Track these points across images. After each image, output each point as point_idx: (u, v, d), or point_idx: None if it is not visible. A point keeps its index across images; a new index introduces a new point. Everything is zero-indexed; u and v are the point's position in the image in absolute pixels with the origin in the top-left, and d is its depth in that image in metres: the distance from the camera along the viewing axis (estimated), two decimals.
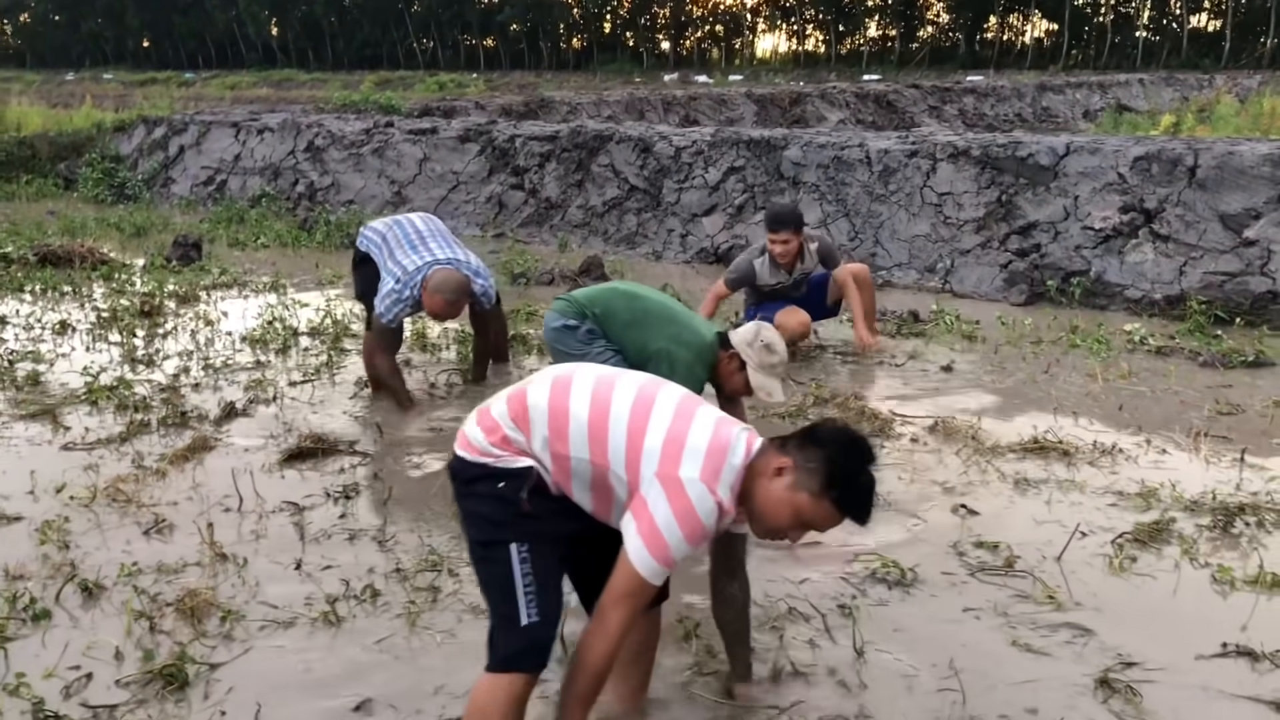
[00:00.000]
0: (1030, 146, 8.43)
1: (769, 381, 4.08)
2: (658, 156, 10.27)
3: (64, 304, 7.86)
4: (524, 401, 2.56)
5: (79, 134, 15.88)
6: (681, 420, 2.45)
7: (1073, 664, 3.19)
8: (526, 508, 2.50)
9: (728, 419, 2.52)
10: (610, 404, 2.50)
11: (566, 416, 2.51)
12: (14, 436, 5.15)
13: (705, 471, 2.35)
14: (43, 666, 3.16)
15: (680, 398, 2.55)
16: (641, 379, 2.64)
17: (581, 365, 2.76)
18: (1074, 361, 6.32)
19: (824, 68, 61.01)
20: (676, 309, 4.54)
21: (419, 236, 5.54)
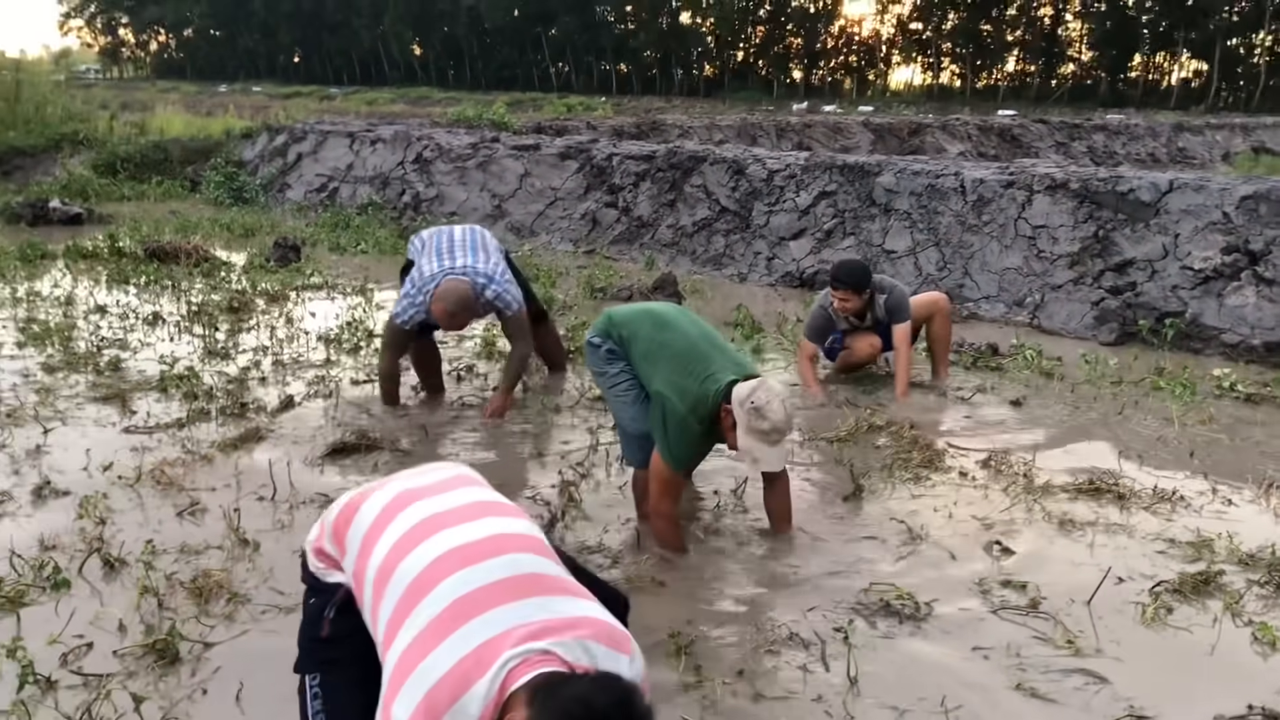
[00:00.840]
0: (1131, 181, 8.10)
1: (756, 446, 3.62)
2: (750, 179, 10.21)
3: (162, 297, 8.18)
4: (353, 515, 2.27)
5: (209, 140, 16.63)
6: (439, 627, 1.91)
7: (1078, 712, 3.03)
8: (324, 632, 2.30)
9: (516, 632, 1.89)
10: (395, 569, 2.06)
11: (370, 554, 2.15)
12: (83, 417, 5.37)
13: (420, 710, 1.83)
14: (50, 633, 3.27)
15: (474, 588, 1.96)
16: (474, 534, 2.10)
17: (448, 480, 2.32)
18: (1153, 405, 6.02)
19: (958, 102, 59.92)
20: (700, 348, 3.94)
21: (450, 246, 5.57)
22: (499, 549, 2.05)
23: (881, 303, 6.20)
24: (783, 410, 3.64)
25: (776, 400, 3.65)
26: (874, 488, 4.69)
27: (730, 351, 4.03)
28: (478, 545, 2.05)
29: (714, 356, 3.91)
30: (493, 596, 1.94)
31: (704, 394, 3.75)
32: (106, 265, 9.36)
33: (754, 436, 3.61)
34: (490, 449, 5.19)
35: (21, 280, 8.59)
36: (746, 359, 4.14)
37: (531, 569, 2.04)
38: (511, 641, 1.86)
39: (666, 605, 3.60)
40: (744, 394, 3.65)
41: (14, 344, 6.67)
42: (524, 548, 2.09)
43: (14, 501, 4.31)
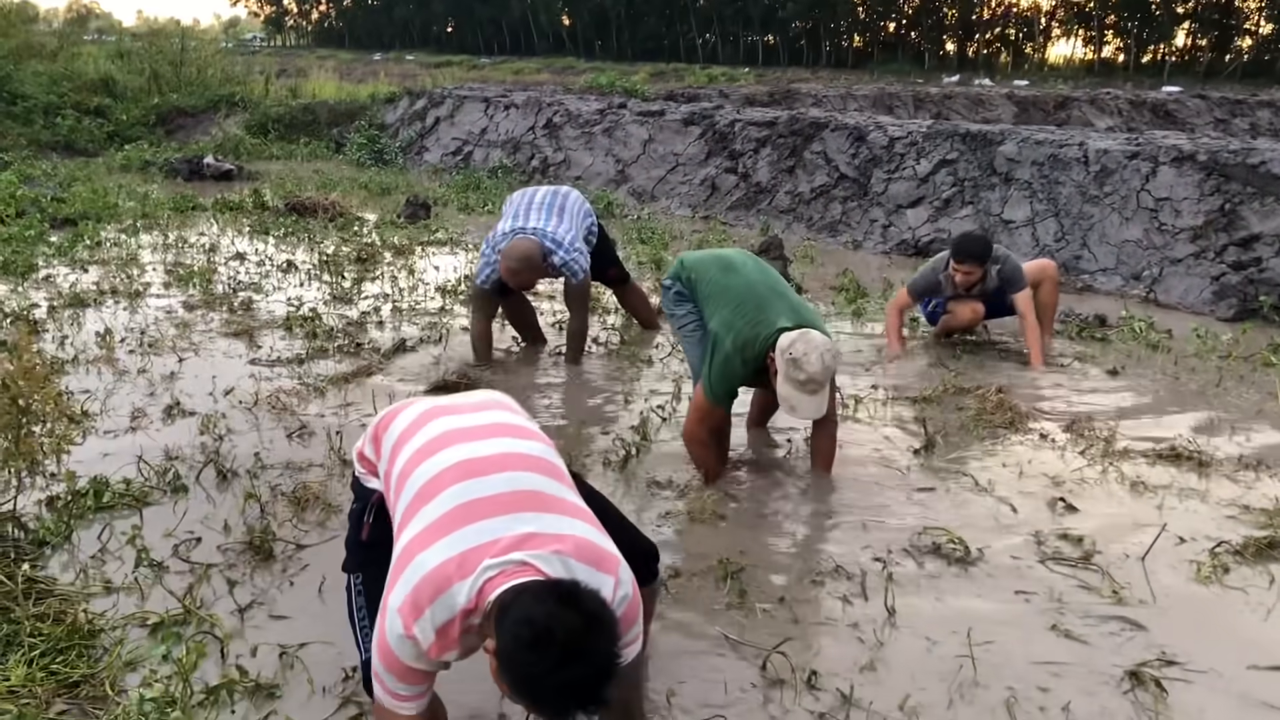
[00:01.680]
0: (1264, 154, 7.82)
1: (794, 395, 3.75)
2: (870, 146, 10.20)
3: (298, 248, 8.71)
4: (390, 420, 2.40)
5: (355, 104, 17.37)
6: (440, 525, 2.04)
7: (1108, 654, 3.10)
8: (365, 535, 2.42)
9: (502, 542, 1.98)
10: (411, 473, 2.19)
11: (395, 458, 2.28)
12: (214, 349, 5.84)
13: (407, 602, 1.95)
14: (165, 528, 3.67)
15: (475, 498, 2.07)
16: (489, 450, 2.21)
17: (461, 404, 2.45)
18: (1260, 379, 5.88)
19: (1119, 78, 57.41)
20: (758, 292, 4.07)
21: (528, 207, 5.75)
22: (504, 465, 2.17)
23: (994, 273, 6.19)
24: (820, 363, 3.71)
25: (815, 353, 3.71)
26: (950, 444, 4.76)
27: (791, 299, 4.13)
28: (486, 460, 2.17)
29: (772, 301, 4.02)
30: (489, 507, 2.05)
31: (754, 336, 3.91)
32: (249, 217, 9.98)
33: (792, 385, 3.74)
34: (578, 392, 5.45)
35: (173, 229, 9.24)
36: (808, 308, 4.19)
37: (532, 486, 2.13)
38: (495, 551, 1.96)
39: (723, 536, 3.80)
40: (786, 344, 3.76)
41: (161, 284, 7.23)
42: (530, 467, 2.19)
43: (147, 418, 4.75)
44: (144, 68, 18.73)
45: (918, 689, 2.89)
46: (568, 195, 5.95)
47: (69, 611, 2.99)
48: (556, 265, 5.57)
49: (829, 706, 2.79)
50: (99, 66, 18.88)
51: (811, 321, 3.98)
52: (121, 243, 8.54)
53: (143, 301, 6.78)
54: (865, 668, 3.00)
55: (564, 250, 5.55)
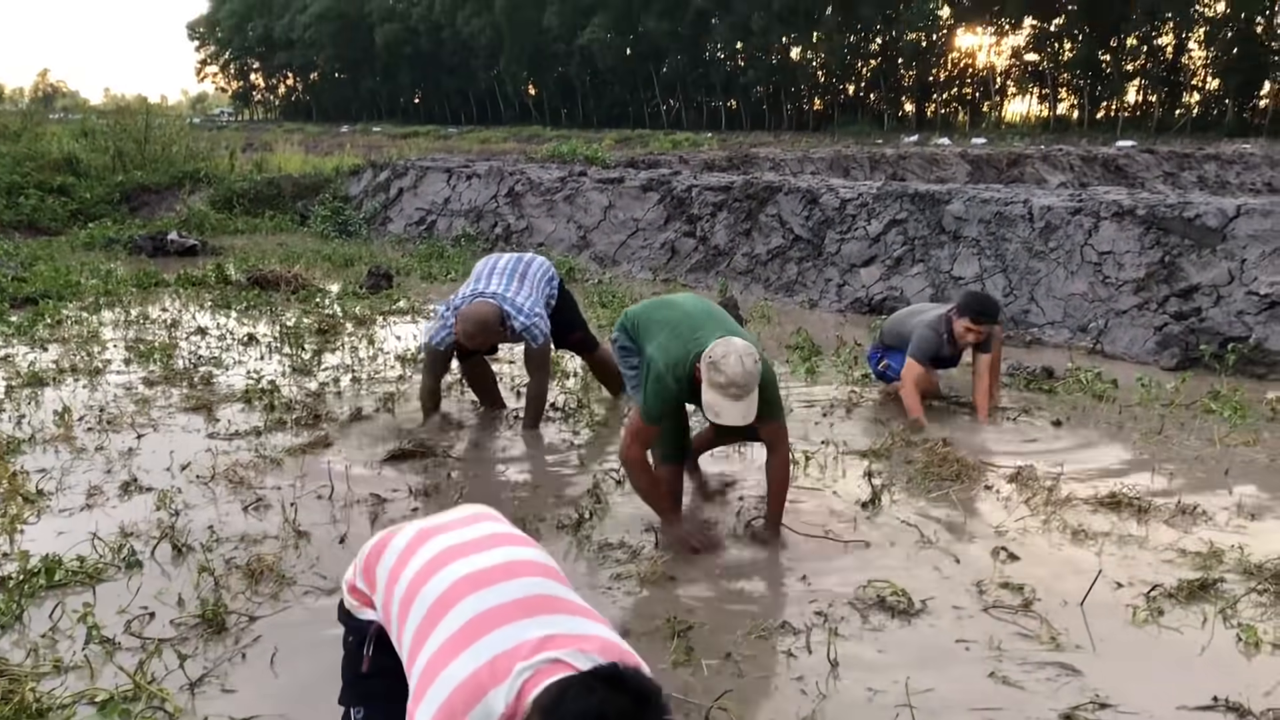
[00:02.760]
0: (1199, 207, 8.08)
1: (717, 400, 3.81)
2: (823, 207, 10.42)
3: (260, 321, 8.78)
4: (382, 550, 2.37)
5: (319, 177, 17.54)
6: (458, 641, 2.01)
7: (1044, 699, 3.18)
8: (365, 668, 2.38)
9: (532, 645, 1.98)
10: (418, 594, 2.16)
11: (395, 585, 2.26)
12: (173, 425, 5.88)
13: (439, 715, 1.92)
14: (119, 604, 3.69)
15: (490, 606, 2.06)
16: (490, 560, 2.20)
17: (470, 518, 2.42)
18: (1200, 427, 6.04)
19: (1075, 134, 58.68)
20: (695, 319, 4.18)
21: (491, 272, 5.86)
22: (512, 574, 2.15)
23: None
24: (739, 365, 3.75)
25: (734, 355, 3.77)
26: (896, 497, 4.87)
27: (728, 324, 4.20)
28: (492, 570, 2.15)
29: (705, 324, 4.11)
30: (506, 614, 2.02)
31: (684, 354, 3.99)
32: (212, 292, 10.05)
33: (714, 390, 3.80)
34: (534, 456, 5.52)
35: (135, 305, 9.29)
36: (745, 332, 4.25)
37: (544, 591, 2.13)
38: (524, 654, 1.93)
39: (673, 596, 3.87)
40: (707, 351, 3.85)
41: (121, 361, 7.28)
42: (536, 573, 2.19)
43: (103, 495, 4.78)
44: (108, 145, 18.84)
45: None
46: (530, 261, 6.06)
47: (16, 691, 3.02)
48: (516, 330, 5.62)
49: None
50: (63, 145, 18.99)
51: (731, 328, 4.11)
52: (83, 320, 8.58)
53: (102, 379, 6.82)
54: (806, 719, 3.06)
55: (524, 315, 5.60)
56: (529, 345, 5.76)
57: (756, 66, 75.54)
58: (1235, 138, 48.44)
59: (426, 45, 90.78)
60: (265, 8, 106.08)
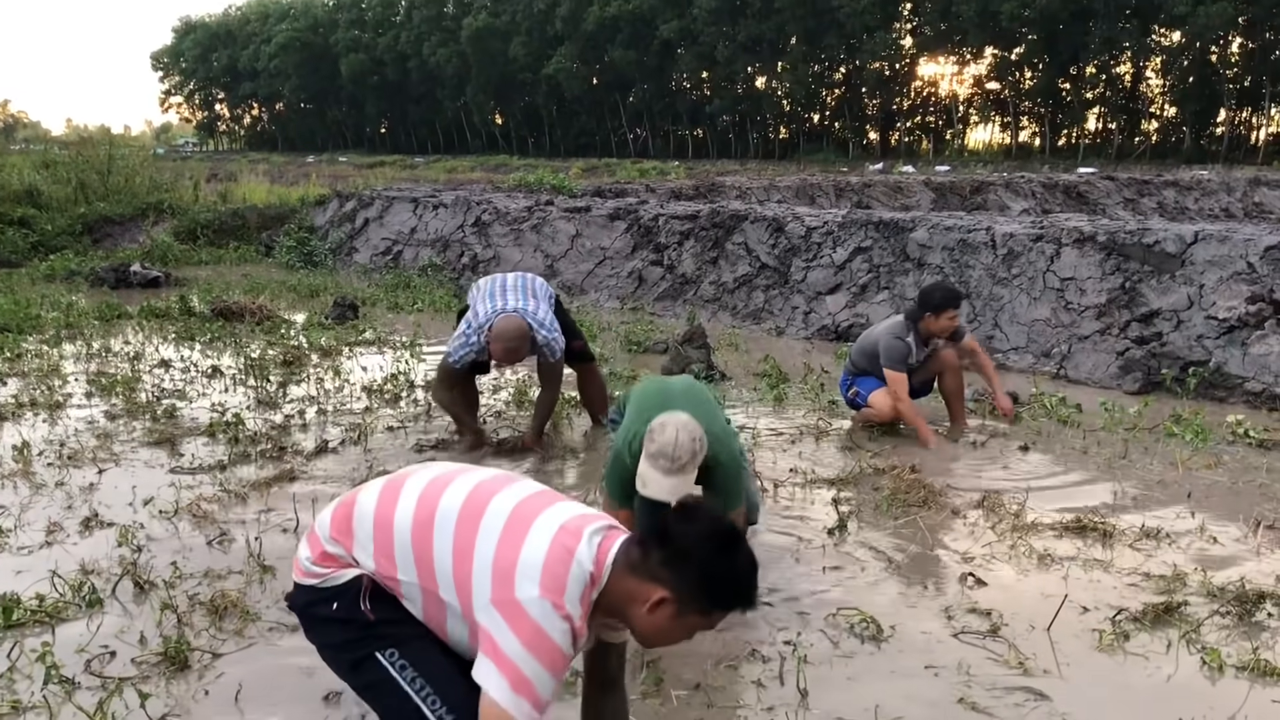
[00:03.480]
0: (1157, 234, 8.20)
1: (647, 470, 3.50)
2: (789, 236, 10.50)
3: (224, 353, 8.70)
4: (350, 509, 2.38)
5: (284, 207, 17.47)
6: (515, 529, 2.14)
7: None
8: (371, 617, 2.31)
9: (581, 518, 2.20)
10: (435, 515, 2.24)
11: (390, 529, 2.27)
12: (135, 459, 5.81)
13: (545, 587, 2.04)
14: (79, 643, 3.63)
15: (520, 499, 2.24)
16: (482, 476, 2.36)
17: (427, 465, 2.50)
18: (1163, 450, 6.10)
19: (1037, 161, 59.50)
20: (671, 400, 3.87)
21: (503, 290, 5.93)
22: (510, 479, 2.38)
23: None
24: (673, 437, 3.44)
25: (672, 426, 3.47)
26: (864, 523, 4.88)
27: (704, 408, 3.91)
28: (495, 479, 2.36)
29: (677, 403, 3.81)
30: (539, 502, 2.25)
31: (642, 429, 3.67)
32: (175, 324, 9.96)
33: (646, 460, 3.51)
34: None
35: (97, 338, 9.19)
36: (717, 418, 3.99)
37: (542, 487, 2.38)
38: (578, 522, 2.19)
39: None
40: (655, 420, 3.56)
41: (83, 394, 7.19)
42: (524, 479, 2.43)
43: (63, 532, 4.71)
44: (70, 177, 18.67)
45: None
46: (533, 279, 6.16)
47: None
48: (538, 343, 5.77)
49: None
50: (24, 177, 18.78)
51: (707, 424, 3.69)
52: (43, 354, 8.47)
53: (63, 413, 6.73)
54: None
55: (545, 330, 5.77)
56: (546, 358, 5.90)
57: (722, 96, 76.14)
58: (1193, 164, 49.35)
59: (393, 75, 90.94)
60: (230, 38, 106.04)
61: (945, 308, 6.27)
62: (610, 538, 2.16)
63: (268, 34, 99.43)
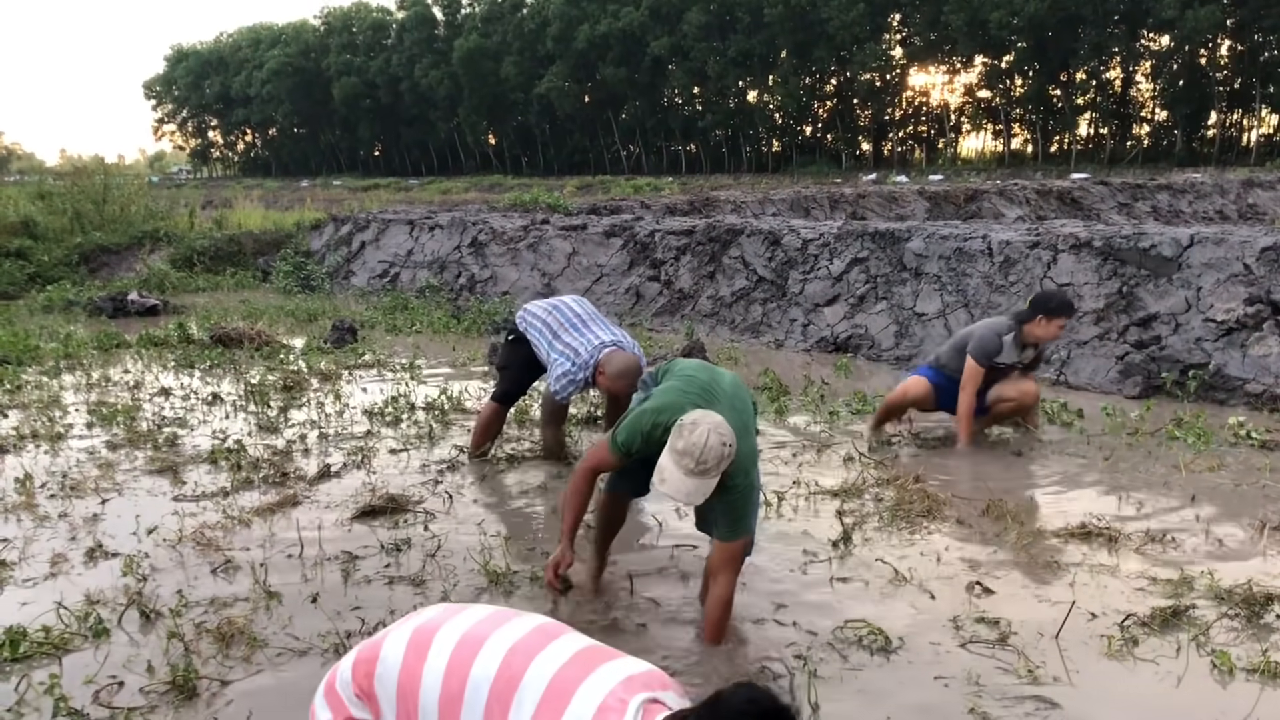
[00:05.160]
0: (1153, 238, 8.23)
1: (668, 465, 3.40)
2: (785, 249, 10.52)
3: (224, 379, 8.70)
4: (373, 664, 2.17)
5: (280, 232, 17.51)
6: (552, 704, 1.99)
7: None
8: None
9: (625, 685, 2.01)
10: (465, 686, 2.06)
11: (416, 696, 2.10)
12: (138, 488, 5.80)
13: None
14: (86, 674, 3.62)
15: (559, 666, 2.05)
16: (520, 633, 2.14)
17: (459, 612, 2.27)
18: (1165, 454, 6.11)
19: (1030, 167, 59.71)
20: (713, 390, 3.81)
21: (579, 320, 5.85)
22: (551, 635, 2.13)
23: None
24: (703, 438, 3.34)
25: (705, 426, 3.37)
26: (868, 535, 4.88)
27: (744, 412, 3.86)
28: (532, 637, 2.12)
29: (721, 400, 3.76)
30: (579, 668, 2.02)
31: (676, 406, 3.65)
32: (174, 351, 9.96)
33: (671, 454, 3.41)
34: (506, 508, 5.49)
35: (96, 368, 9.19)
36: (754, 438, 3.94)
37: (585, 644, 2.14)
38: (621, 694, 1.96)
39: (647, 642, 3.84)
40: (689, 414, 3.48)
41: (84, 425, 7.18)
42: (563, 631, 2.18)
43: (68, 563, 4.70)
44: (66, 207, 18.72)
45: None
46: (589, 304, 6.14)
47: None
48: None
49: None
50: (19, 208, 18.82)
51: (740, 437, 3.60)
52: (43, 385, 8.47)
53: (64, 444, 6.72)
54: None
55: (642, 358, 5.71)
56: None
57: (714, 110, 76.39)
58: (1185, 167, 49.52)
59: (385, 98, 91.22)
60: (221, 65, 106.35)
61: (1060, 314, 6.21)
62: (652, 713, 1.96)
63: (259, 60, 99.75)
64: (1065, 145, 69.66)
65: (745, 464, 3.66)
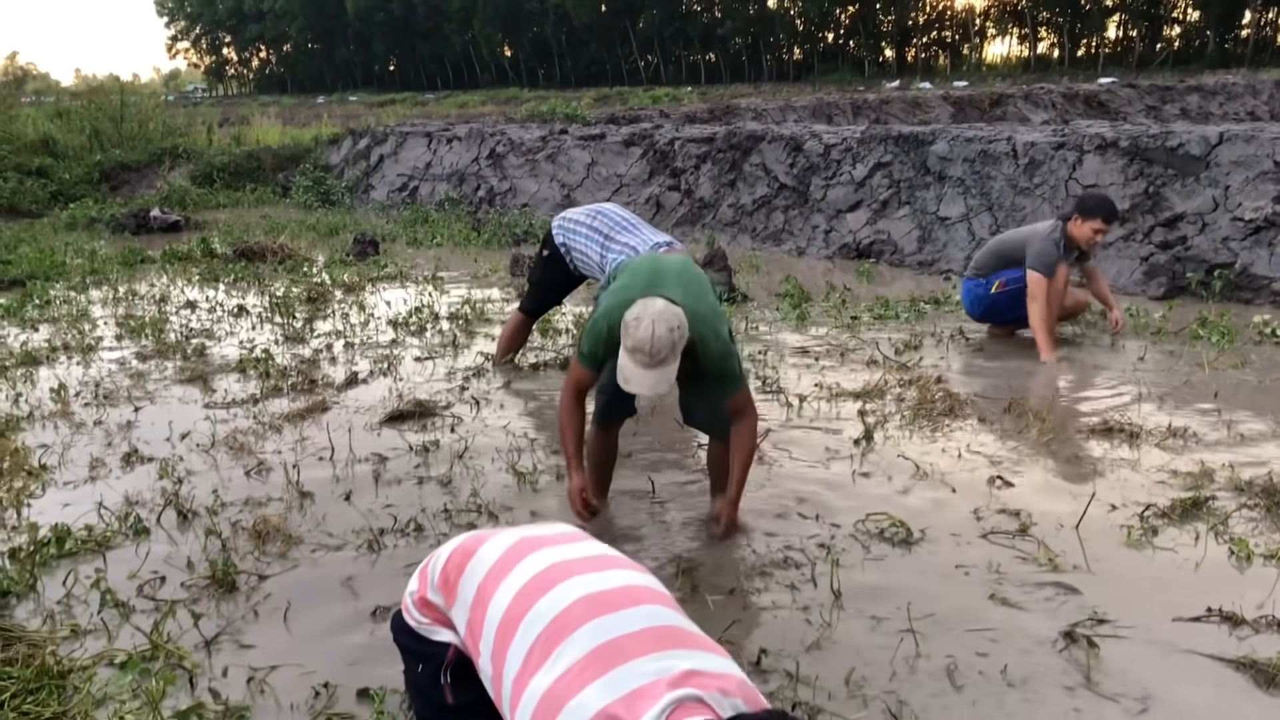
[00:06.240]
0: (1181, 136, 8.11)
1: (626, 364, 3.40)
2: (807, 154, 10.42)
3: (248, 292, 8.77)
4: (468, 557, 2.11)
5: (299, 147, 17.45)
6: (587, 669, 1.80)
7: (1044, 618, 3.25)
8: (449, 699, 2.12)
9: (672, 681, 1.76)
10: (525, 616, 1.93)
11: (485, 607, 2.00)
12: (169, 397, 5.90)
13: None
14: (129, 570, 3.74)
15: (623, 634, 1.85)
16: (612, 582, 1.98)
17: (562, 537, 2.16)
18: (1189, 353, 6.11)
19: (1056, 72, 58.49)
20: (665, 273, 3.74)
21: (629, 223, 5.74)
22: (637, 599, 1.94)
23: None
24: (649, 330, 3.30)
25: (648, 318, 3.33)
26: (890, 433, 4.93)
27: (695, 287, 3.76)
28: (614, 594, 1.94)
29: (667, 280, 3.68)
30: (637, 646, 1.81)
31: (623, 303, 3.55)
32: (198, 266, 10.03)
33: (624, 354, 3.41)
34: (530, 413, 5.56)
35: (122, 282, 9.28)
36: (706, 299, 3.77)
37: (672, 623, 1.93)
38: (663, 688, 1.72)
39: (675, 536, 3.92)
40: (631, 310, 3.43)
41: (113, 337, 7.28)
42: (660, 601, 1.99)
43: (105, 467, 4.81)
44: (84, 126, 18.70)
45: (863, 663, 3.02)
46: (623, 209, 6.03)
47: (37, 654, 3.06)
48: None
49: (776, 685, 2.91)
50: (39, 127, 18.81)
51: (693, 304, 3.57)
52: (71, 300, 8.56)
53: (96, 355, 6.82)
54: (812, 647, 3.12)
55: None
56: None
57: (734, 18, 75.05)
58: (1218, 69, 48.40)
59: (399, 10, 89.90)
60: None
61: (1095, 215, 6.06)
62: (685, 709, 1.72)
63: None
64: (1093, 49, 68.22)
65: (709, 326, 3.61)
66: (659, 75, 77.66)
